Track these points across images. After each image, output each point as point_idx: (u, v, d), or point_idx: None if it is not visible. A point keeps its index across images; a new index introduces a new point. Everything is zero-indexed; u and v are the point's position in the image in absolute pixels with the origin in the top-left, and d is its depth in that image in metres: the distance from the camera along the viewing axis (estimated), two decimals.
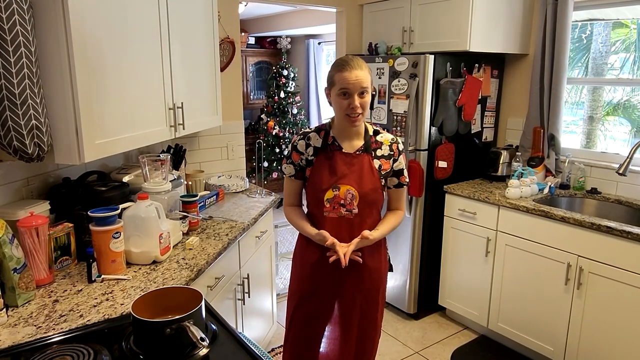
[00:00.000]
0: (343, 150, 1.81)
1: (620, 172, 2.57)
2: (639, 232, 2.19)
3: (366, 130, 1.84)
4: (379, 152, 1.83)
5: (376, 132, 1.86)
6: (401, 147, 1.87)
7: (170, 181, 2.10)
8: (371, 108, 1.81)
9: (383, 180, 1.83)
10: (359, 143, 1.82)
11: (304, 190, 1.92)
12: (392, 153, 1.84)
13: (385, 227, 1.86)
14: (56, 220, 1.82)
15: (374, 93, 1.79)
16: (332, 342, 1.95)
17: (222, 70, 2.94)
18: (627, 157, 2.56)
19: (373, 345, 1.98)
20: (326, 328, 1.95)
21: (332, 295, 1.89)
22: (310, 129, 1.87)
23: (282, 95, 5.97)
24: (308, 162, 1.84)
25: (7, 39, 1.34)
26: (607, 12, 2.99)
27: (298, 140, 1.85)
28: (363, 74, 1.69)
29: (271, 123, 5.95)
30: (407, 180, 1.91)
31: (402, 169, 1.88)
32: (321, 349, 1.96)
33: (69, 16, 1.44)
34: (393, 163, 1.85)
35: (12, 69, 1.37)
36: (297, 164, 1.85)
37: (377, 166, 1.81)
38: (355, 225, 1.79)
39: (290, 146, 1.87)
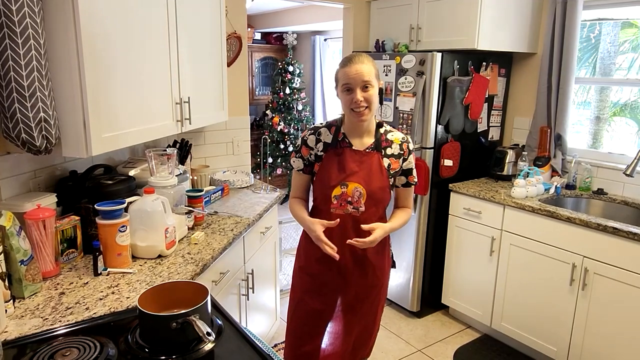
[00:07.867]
0: (353, 148, 1.80)
1: (627, 173, 2.55)
2: None
3: (377, 127, 1.83)
4: (389, 151, 1.82)
5: (387, 131, 1.85)
6: (412, 146, 1.87)
7: (176, 175, 2.10)
8: (380, 103, 1.79)
9: (391, 180, 1.83)
10: (370, 141, 1.81)
11: (311, 185, 1.92)
12: (402, 152, 1.83)
13: (397, 222, 1.86)
14: (63, 213, 1.83)
15: (382, 87, 1.77)
16: (333, 336, 1.96)
17: (228, 65, 2.93)
18: (635, 158, 2.54)
19: (370, 339, 2.00)
20: (328, 323, 1.95)
21: (335, 292, 1.89)
22: (322, 123, 1.86)
23: (287, 91, 5.96)
24: (317, 157, 1.83)
25: (17, 31, 1.35)
26: (616, 11, 2.97)
27: (308, 135, 1.84)
28: (364, 68, 1.67)
29: (276, 119, 5.94)
30: (416, 179, 1.90)
31: (412, 169, 1.87)
32: (322, 344, 1.97)
33: (78, 9, 1.45)
34: (402, 162, 1.84)
35: (21, 61, 1.37)
36: (306, 158, 1.85)
37: (386, 165, 1.80)
38: (361, 223, 1.77)
39: (300, 140, 1.86)
